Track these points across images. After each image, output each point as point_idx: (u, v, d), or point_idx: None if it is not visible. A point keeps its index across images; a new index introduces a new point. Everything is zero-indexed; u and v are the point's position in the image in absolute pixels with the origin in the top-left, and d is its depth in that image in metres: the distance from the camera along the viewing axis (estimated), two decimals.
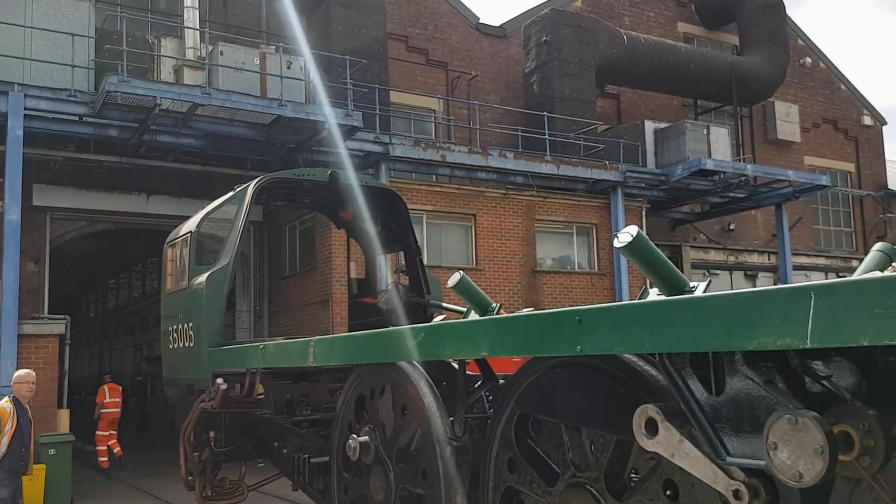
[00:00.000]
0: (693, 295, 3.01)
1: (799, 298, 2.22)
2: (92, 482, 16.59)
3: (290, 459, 7.50)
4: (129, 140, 17.10)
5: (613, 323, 3.01)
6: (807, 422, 2.48)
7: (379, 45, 22.22)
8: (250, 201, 8.75)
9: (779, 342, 2.28)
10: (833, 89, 33.47)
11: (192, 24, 18.15)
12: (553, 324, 3.38)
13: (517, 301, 21.07)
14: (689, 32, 30.12)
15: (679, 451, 2.99)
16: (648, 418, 3.09)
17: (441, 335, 4.35)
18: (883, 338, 2.02)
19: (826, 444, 2.43)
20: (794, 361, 2.83)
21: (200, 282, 8.71)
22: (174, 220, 13.28)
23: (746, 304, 2.41)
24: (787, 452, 2.54)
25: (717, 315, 2.49)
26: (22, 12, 16.09)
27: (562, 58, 24.47)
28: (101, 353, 40.92)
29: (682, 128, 24.26)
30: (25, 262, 16.80)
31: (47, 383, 14.64)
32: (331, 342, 5.81)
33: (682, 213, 26.78)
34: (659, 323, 2.74)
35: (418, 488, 5.33)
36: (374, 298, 10.06)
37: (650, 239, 3.29)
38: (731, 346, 2.49)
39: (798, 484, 2.53)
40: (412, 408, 5.43)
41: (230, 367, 8.00)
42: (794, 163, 29.87)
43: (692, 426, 2.91)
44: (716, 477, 2.90)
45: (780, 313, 2.27)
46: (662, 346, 2.78)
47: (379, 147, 19.41)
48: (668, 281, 3.22)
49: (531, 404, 4.30)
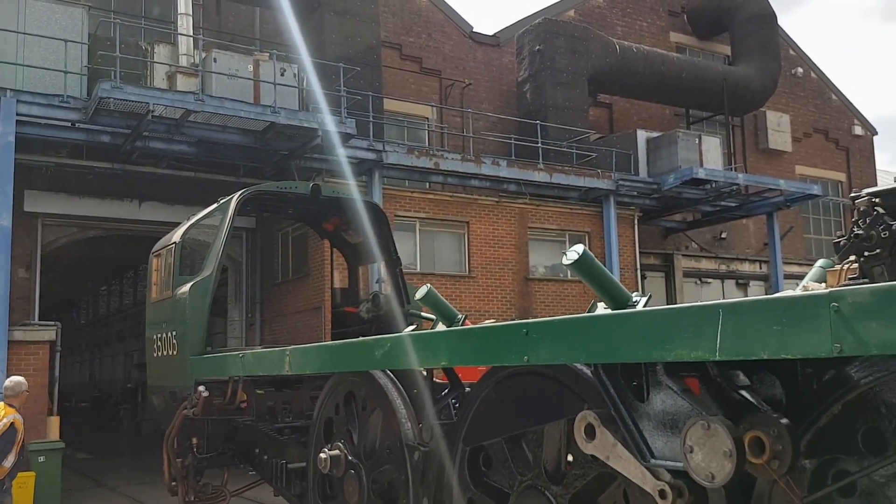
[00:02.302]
0: (624, 311, 3.16)
1: (710, 316, 2.37)
2: (82, 489, 16.52)
3: (269, 465, 7.64)
4: (122, 146, 17.14)
5: (555, 336, 3.17)
6: (718, 427, 2.69)
7: (373, 53, 22.29)
8: (233, 213, 8.92)
9: (693, 354, 2.44)
10: (824, 99, 33.64)
11: (186, 30, 18.24)
12: (504, 336, 3.54)
13: (510, 309, 21.17)
14: (682, 42, 30.29)
15: (613, 453, 3.21)
16: (587, 423, 3.30)
17: (404, 346, 4.49)
18: (780, 352, 2.17)
19: (734, 447, 2.63)
20: (713, 372, 2.99)
21: (184, 291, 8.86)
22: (166, 227, 13.34)
23: (666, 319, 2.57)
24: (701, 455, 2.75)
25: (642, 329, 2.65)
26: (15, 18, 16.10)
27: (555, 67, 24.60)
28: (92, 360, 40.82)
29: (674, 137, 24.41)
30: (16, 268, 16.81)
31: (37, 390, 14.55)
32: (305, 352, 5.95)
33: (673, 222, 26.90)
34: (592, 336, 2.90)
35: (389, 492, 5.47)
36: (356, 308, 10.22)
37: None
38: (653, 357, 2.68)
39: (710, 484, 2.74)
40: (384, 415, 5.57)
41: (212, 375, 8.16)
42: (785, 172, 30.02)
43: (622, 431, 3.10)
44: (644, 477, 3.12)
45: (693, 329, 2.42)
46: (596, 357, 2.97)
47: (372, 154, 19.47)
48: (612, 295, 3.38)
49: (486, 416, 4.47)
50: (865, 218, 3.21)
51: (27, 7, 16.31)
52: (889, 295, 2.04)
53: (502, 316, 20.83)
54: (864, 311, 2.12)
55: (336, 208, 10.23)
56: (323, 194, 9.80)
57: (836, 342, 2.16)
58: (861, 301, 2.11)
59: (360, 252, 10.79)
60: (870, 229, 3.21)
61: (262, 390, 8.38)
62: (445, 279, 20.50)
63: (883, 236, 3.21)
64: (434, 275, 20.27)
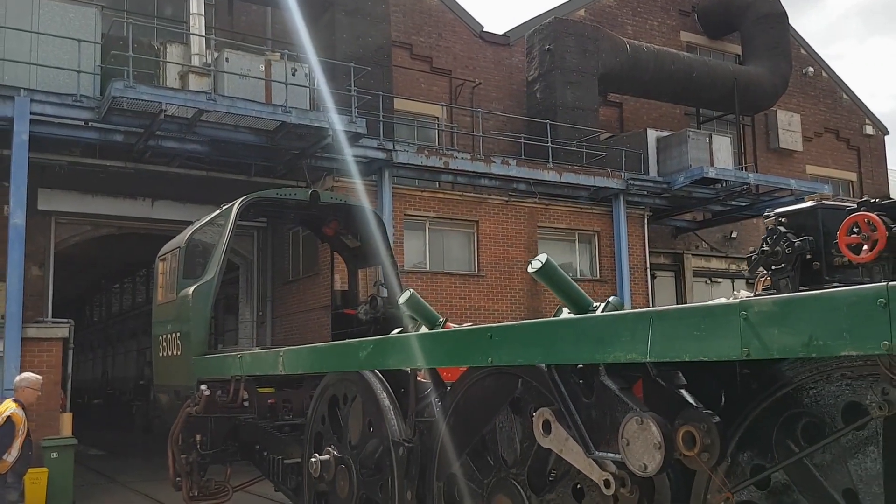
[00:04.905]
0: (572, 316, 3.35)
1: (643, 321, 2.53)
2: (94, 486, 16.70)
3: (267, 461, 7.87)
4: (135, 145, 17.32)
5: (515, 339, 3.39)
6: (649, 422, 2.96)
7: (383, 53, 22.42)
8: (235, 219, 9.17)
9: (629, 356, 2.66)
10: (835, 99, 33.57)
11: (198, 30, 18.39)
12: (472, 339, 3.78)
13: (519, 308, 21.25)
14: (692, 42, 30.31)
15: (566, 447, 3.51)
16: (545, 419, 3.59)
17: (386, 348, 4.72)
18: (699, 355, 2.36)
19: (663, 440, 2.91)
20: (653, 372, 3.22)
21: (187, 294, 9.11)
22: (179, 226, 13.50)
23: (607, 325, 2.77)
24: (635, 448, 3.03)
25: (586, 334, 2.85)
26: (29, 18, 16.29)
27: (565, 66, 24.68)
28: (105, 357, 41.13)
29: (684, 136, 24.45)
30: (30, 266, 17.01)
31: (50, 387, 14.68)
32: (297, 353, 6.18)
33: (684, 221, 26.92)
34: (546, 339, 3.09)
35: (376, 486, 5.67)
36: (355, 310, 10.45)
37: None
38: (596, 359, 2.93)
39: (644, 474, 3.04)
40: (372, 412, 5.76)
41: (213, 374, 8.39)
42: (795, 172, 29.98)
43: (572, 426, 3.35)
44: (592, 469, 3.42)
45: (629, 333, 2.60)
46: (550, 359, 3.17)
47: (382, 154, 19.61)
48: (574, 301, 3.58)
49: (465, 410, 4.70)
50: (773, 235, 3.54)
51: (41, 7, 16.49)
52: (788, 305, 2.26)
53: (511, 315, 20.93)
54: (768, 319, 2.33)
55: (335, 213, 10.47)
56: (322, 200, 10.03)
57: (745, 347, 2.39)
58: (766, 310, 2.33)
59: (359, 256, 11.08)
60: (775, 245, 3.53)
61: (265, 389, 8.61)
62: (455, 278, 20.64)
63: (787, 252, 3.53)
64: (443, 273, 20.43)
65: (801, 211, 3.65)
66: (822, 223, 3.43)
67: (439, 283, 20.34)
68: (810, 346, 2.26)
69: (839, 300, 2.25)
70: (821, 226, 3.42)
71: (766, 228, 3.62)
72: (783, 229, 3.50)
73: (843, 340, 2.22)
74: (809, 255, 3.51)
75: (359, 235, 10.75)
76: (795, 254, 3.40)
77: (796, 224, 3.52)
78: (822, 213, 3.50)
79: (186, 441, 9.08)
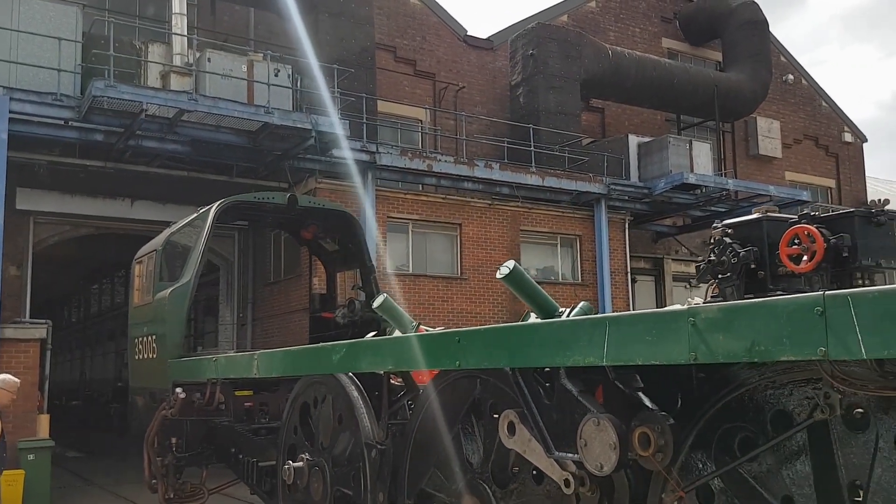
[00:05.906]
0: (535, 321, 3.44)
1: (599, 327, 2.61)
2: (71, 488, 16.57)
3: (243, 464, 7.88)
4: (115, 145, 17.21)
5: (481, 343, 3.47)
6: (605, 423, 3.07)
7: (367, 56, 22.44)
8: (212, 223, 9.15)
9: (587, 360, 2.75)
10: (814, 106, 33.88)
11: (180, 30, 18.28)
12: (440, 343, 3.84)
13: (501, 311, 21.30)
14: (674, 48, 30.53)
15: (529, 447, 3.62)
16: (509, 421, 3.68)
17: (358, 351, 4.76)
18: (650, 358, 2.46)
19: (618, 441, 3.03)
20: (611, 375, 3.29)
21: (163, 297, 9.11)
22: (158, 226, 13.42)
23: (566, 330, 2.84)
24: (592, 448, 3.15)
25: (547, 338, 2.93)
26: (9, 15, 16.16)
27: (547, 71, 24.80)
28: (83, 359, 40.76)
29: (665, 142, 24.63)
30: (8, 265, 16.84)
31: (28, 388, 14.54)
32: (272, 356, 6.22)
33: (664, 226, 27.07)
34: (510, 344, 3.17)
35: (349, 488, 5.70)
36: (333, 313, 10.48)
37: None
38: (556, 362, 3.01)
39: (601, 473, 3.15)
40: (346, 415, 5.79)
41: (189, 377, 8.39)
42: (775, 178, 30.24)
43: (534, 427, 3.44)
44: (553, 469, 3.54)
45: (587, 338, 2.67)
46: (514, 362, 3.24)
47: (366, 156, 19.60)
48: (540, 306, 3.66)
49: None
50: (719, 246, 3.66)
51: (21, 4, 16.34)
52: (733, 312, 2.37)
53: (493, 318, 20.99)
54: (714, 325, 2.44)
55: (313, 217, 10.50)
56: (299, 204, 10.06)
57: (692, 351, 2.49)
58: (712, 317, 2.44)
59: (337, 259, 11.12)
60: (721, 255, 3.65)
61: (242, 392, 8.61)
62: (437, 281, 20.68)
63: (733, 262, 3.67)
64: (426, 276, 20.47)
65: (746, 223, 3.81)
66: (766, 234, 3.56)
67: (422, 285, 20.37)
68: (753, 351, 2.38)
69: (779, 308, 2.35)
70: (765, 237, 3.55)
71: (714, 239, 3.73)
72: (729, 240, 3.63)
73: (784, 346, 2.33)
74: (754, 265, 3.64)
75: (337, 239, 10.79)
76: (741, 263, 3.55)
77: (742, 235, 3.66)
78: (767, 224, 3.65)
79: (162, 444, 9.07)
